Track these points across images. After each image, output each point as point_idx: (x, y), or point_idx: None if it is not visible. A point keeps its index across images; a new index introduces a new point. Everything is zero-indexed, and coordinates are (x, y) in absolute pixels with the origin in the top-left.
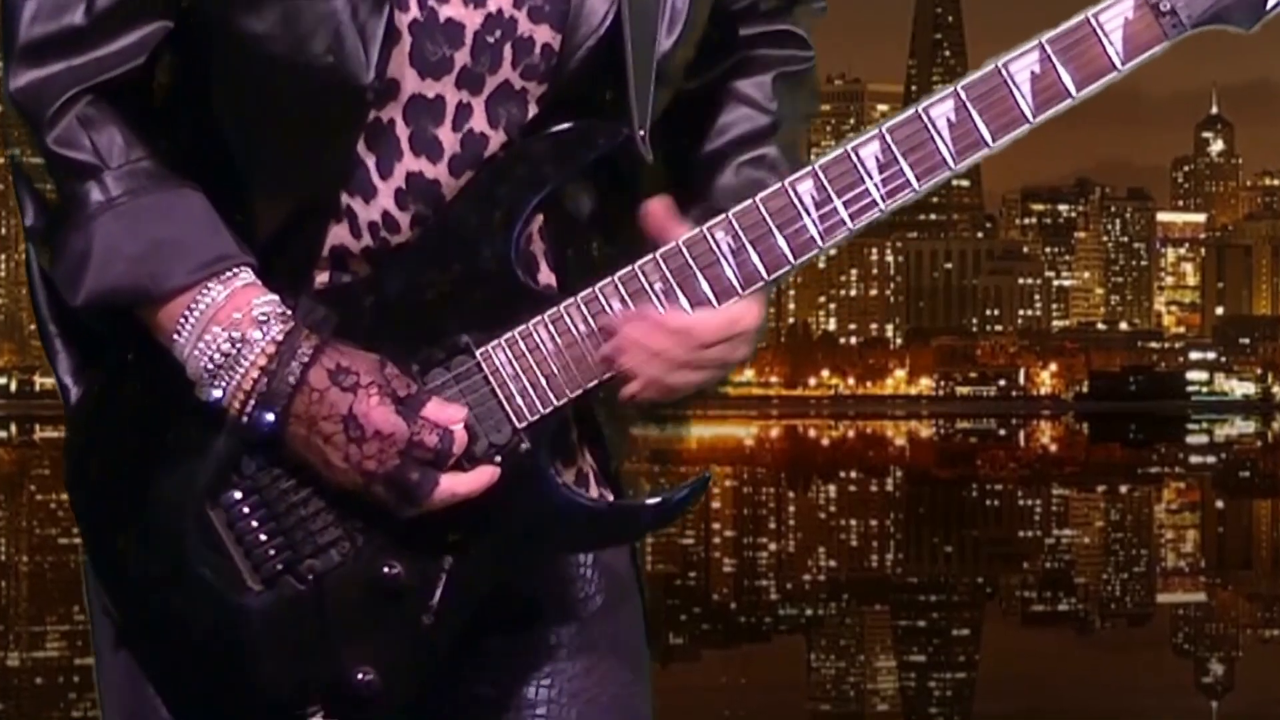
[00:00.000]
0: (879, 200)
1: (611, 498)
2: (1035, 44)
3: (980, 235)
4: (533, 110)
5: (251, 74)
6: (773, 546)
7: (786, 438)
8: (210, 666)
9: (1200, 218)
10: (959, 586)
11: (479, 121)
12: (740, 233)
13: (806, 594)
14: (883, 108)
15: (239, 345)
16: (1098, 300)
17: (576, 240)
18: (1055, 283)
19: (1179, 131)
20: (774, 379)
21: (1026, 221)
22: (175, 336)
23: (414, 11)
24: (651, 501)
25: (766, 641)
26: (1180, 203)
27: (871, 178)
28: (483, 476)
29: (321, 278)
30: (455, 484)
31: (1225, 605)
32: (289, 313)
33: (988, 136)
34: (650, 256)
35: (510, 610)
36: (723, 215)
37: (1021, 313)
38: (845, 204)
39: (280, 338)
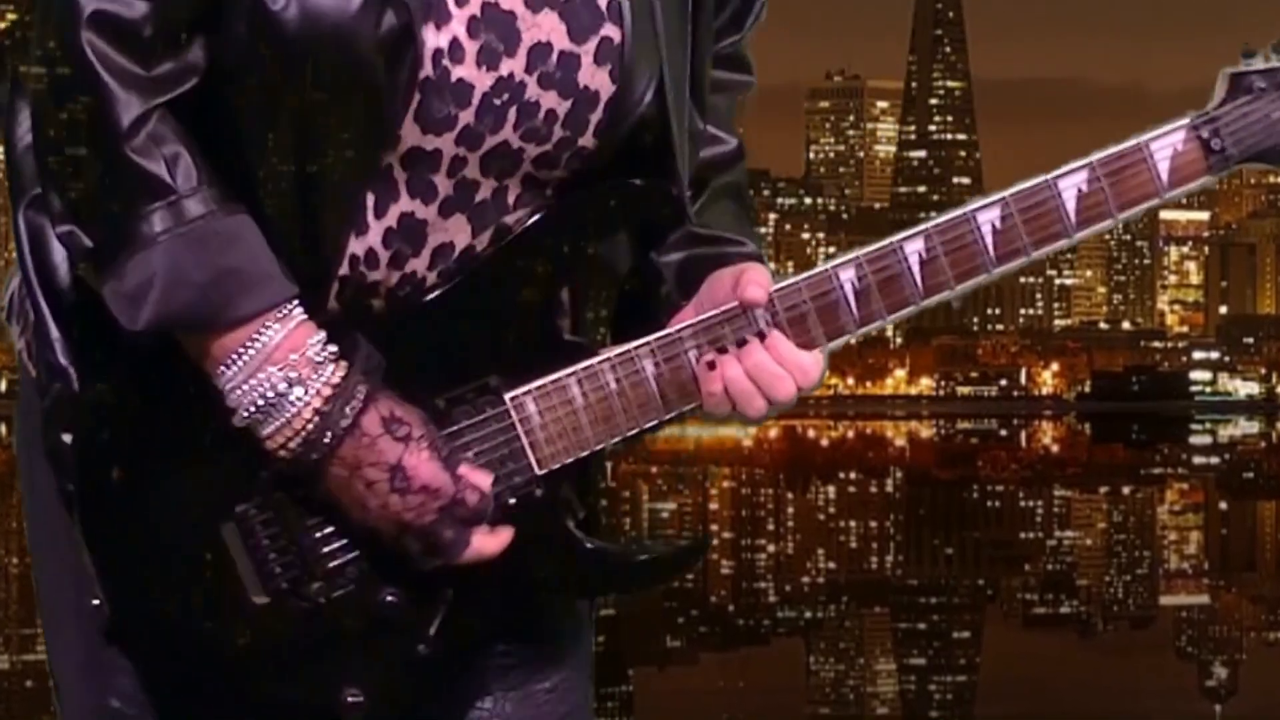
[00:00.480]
0: (915, 297)
1: (583, 530)
2: (1086, 163)
3: None
4: (525, 167)
5: (278, 111)
6: (771, 548)
7: (785, 438)
8: (203, 672)
9: (1204, 215)
10: (959, 589)
11: (473, 171)
12: (780, 312)
13: (805, 596)
14: (882, 104)
15: (294, 386)
16: (1100, 299)
17: (605, 293)
18: (1057, 281)
19: None
20: None
21: None
22: (223, 369)
23: (427, 69)
24: (661, 553)
25: (765, 645)
26: (1183, 200)
27: (913, 273)
28: (504, 539)
29: (322, 313)
30: (484, 545)
31: (1229, 608)
32: (342, 356)
33: (1028, 245)
34: (690, 322)
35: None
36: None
37: (1023, 312)
38: (885, 300)
39: (337, 381)
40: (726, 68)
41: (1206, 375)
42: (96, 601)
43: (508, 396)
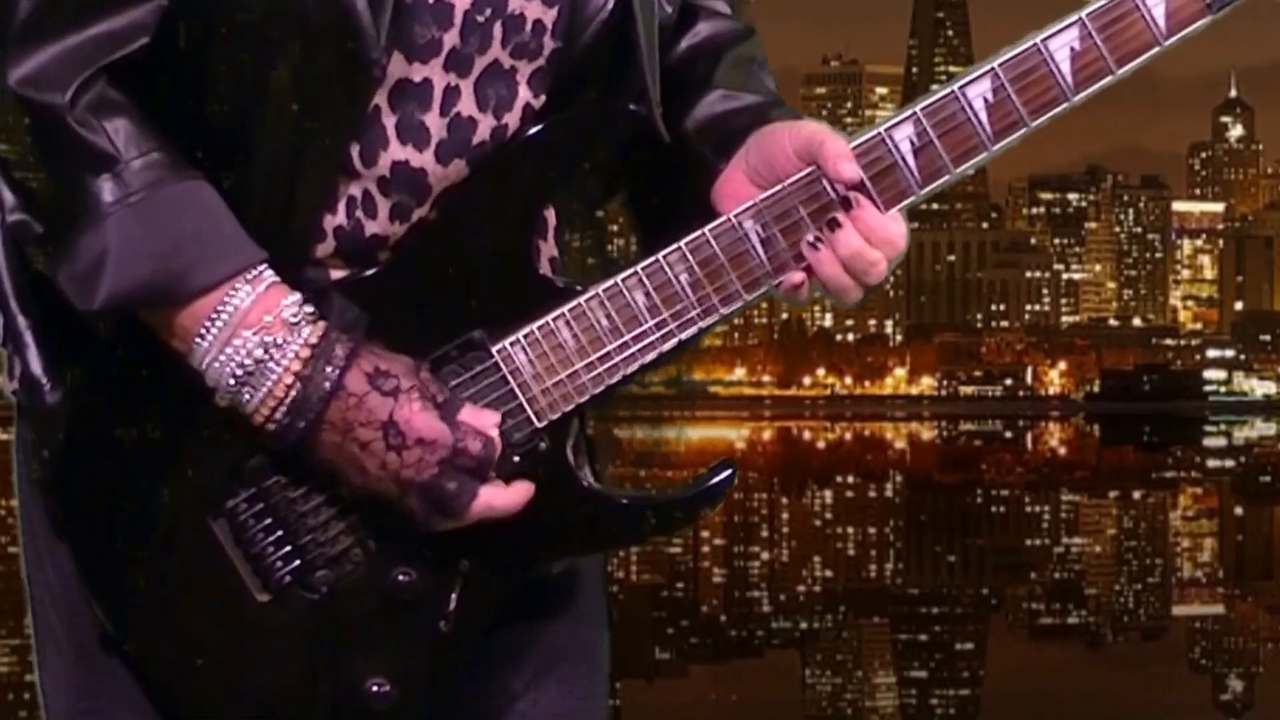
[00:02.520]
0: (914, 185)
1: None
2: (1076, 19)
3: (985, 226)
4: (522, 91)
5: (248, 45)
6: (765, 556)
7: (780, 440)
8: (213, 682)
9: (1218, 207)
10: (962, 598)
11: (467, 105)
12: (770, 222)
13: (801, 606)
14: (882, 90)
15: (271, 350)
16: (1109, 295)
17: (584, 228)
18: (1065, 276)
19: (1196, 116)
20: (766, 378)
21: (1034, 211)
22: (197, 341)
23: None
24: (683, 494)
25: (758, 657)
26: (1197, 191)
27: (906, 162)
28: (520, 493)
29: (311, 272)
30: (493, 498)
31: (1245, 618)
32: (320, 315)
33: (1025, 117)
34: (676, 247)
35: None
36: (751, 203)
37: (1029, 308)
38: (880, 190)
39: (315, 341)
40: None
41: (1221, 374)
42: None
43: (494, 349)
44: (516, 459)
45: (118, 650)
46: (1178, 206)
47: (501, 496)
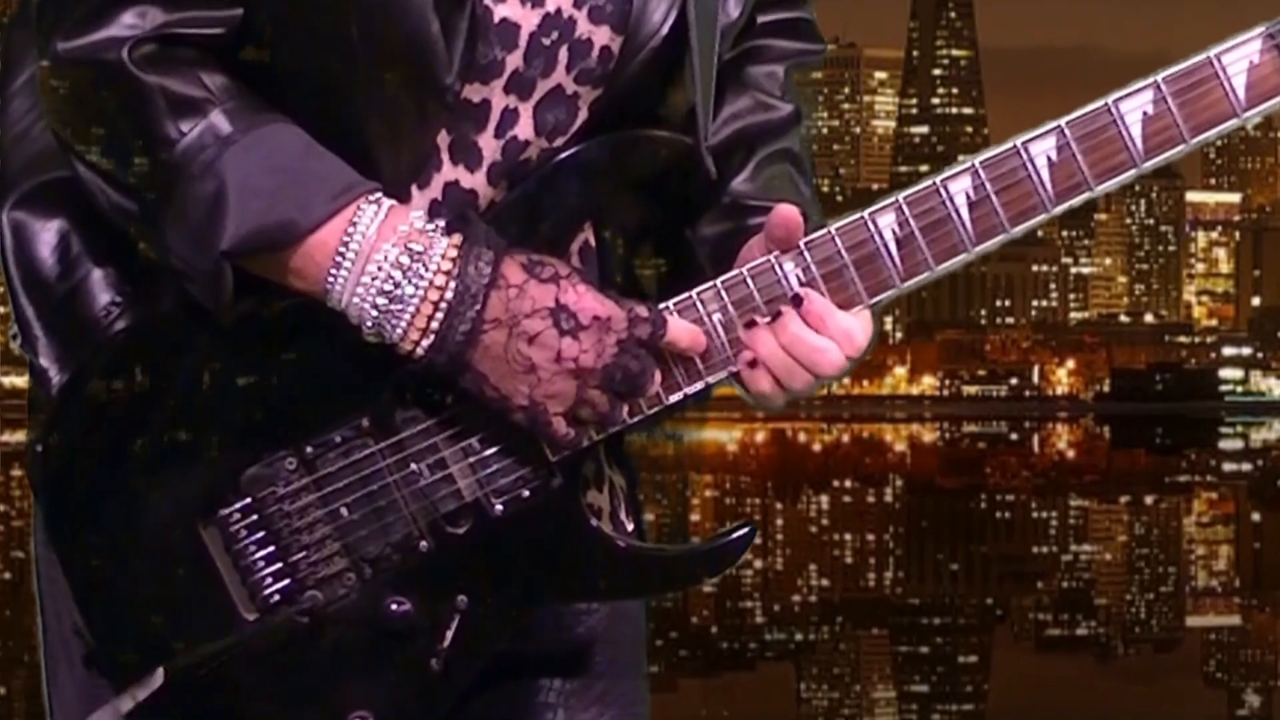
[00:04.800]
0: (967, 242)
1: (633, 529)
2: (1151, 82)
3: None
4: (582, 115)
5: (320, 63)
6: (758, 564)
7: (773, 443)
8: (194, 700)
9: (1234, 198)
10: (966, 608)
11: (524, 129)
12: (812, 266)
13: (796, 617)
14: (881, 75)
15: (415, 257)
16: (1120, 290)
17: (620, 257)
18: (1073, 270)
19: None
20: None
21: None
22: (334, 270)
23: (468, 9)
24: (697, 549)
25: (751, 670)
26: (1212, 181)
27: (960, 215)
28: (695, 335)
29: None
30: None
31: (1262, 629)
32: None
33: (1090, 179)
34: (711, 284)
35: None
36: (797, 247)
37: (1035, 304)
38: (929, 243)
39: (459, 241)
40: (780, 35)
41: (1237, 373)
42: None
43: None
44: (526, 494)
45: (97, 663)
46: (1192, 197)
47: (684, 334)
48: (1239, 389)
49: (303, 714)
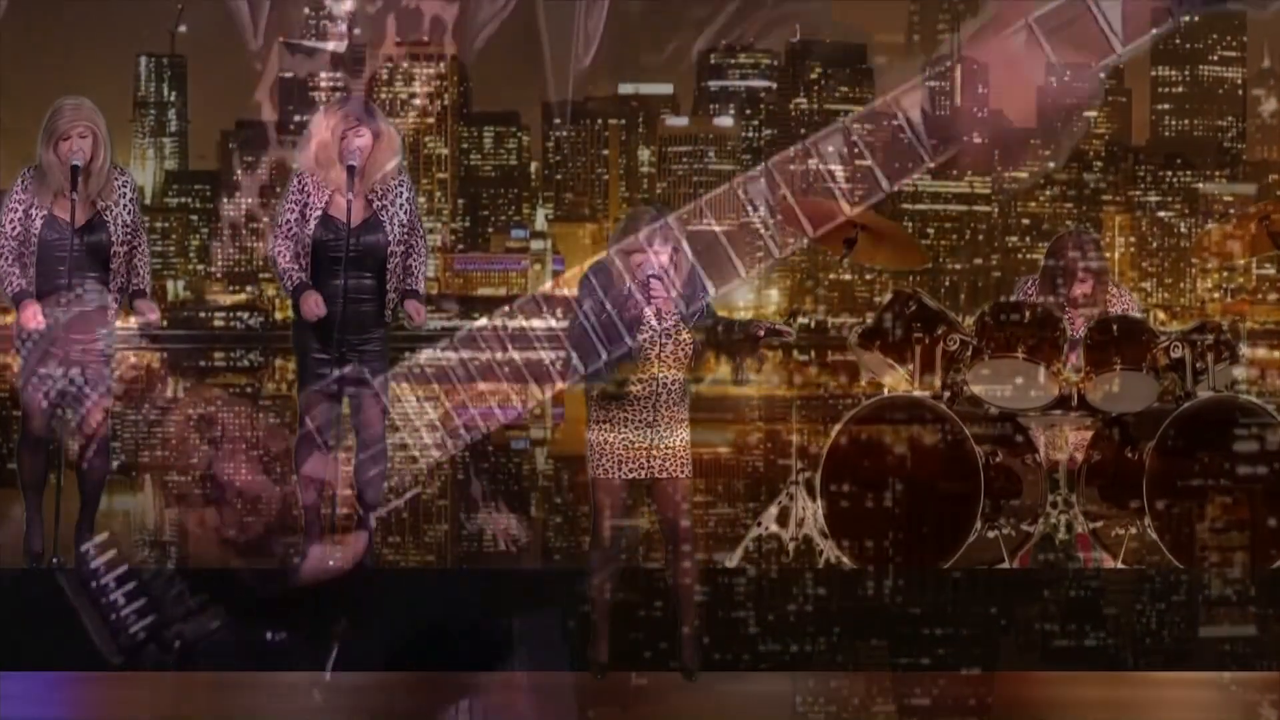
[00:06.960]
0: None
1: None
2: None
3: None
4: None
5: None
6: (751, 572)
7: (769, 443)
8: None
9: (1249, 189)
10: (969, 618)
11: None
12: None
13: (791, 627)
14: (880, 60)
15: None
16: (1129, 284)
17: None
18: (1081, 264)
19: None
20: (753, 376)
21: (1048, 192)
22: None
23: None
24: None
25: (744, 681)
26: (1226, 171)
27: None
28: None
29: None
30: None
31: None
32: None
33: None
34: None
35: None
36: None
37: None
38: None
39: None
40: None
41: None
42: None
43: None
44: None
45: None
46: (1204, 187)
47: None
48: (1254, 389)
49: None
